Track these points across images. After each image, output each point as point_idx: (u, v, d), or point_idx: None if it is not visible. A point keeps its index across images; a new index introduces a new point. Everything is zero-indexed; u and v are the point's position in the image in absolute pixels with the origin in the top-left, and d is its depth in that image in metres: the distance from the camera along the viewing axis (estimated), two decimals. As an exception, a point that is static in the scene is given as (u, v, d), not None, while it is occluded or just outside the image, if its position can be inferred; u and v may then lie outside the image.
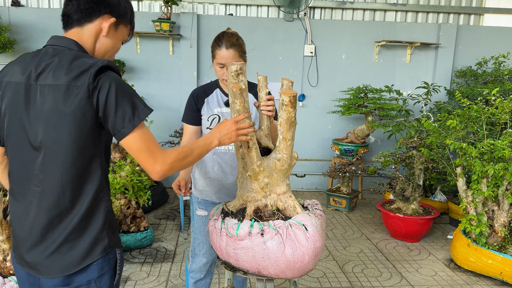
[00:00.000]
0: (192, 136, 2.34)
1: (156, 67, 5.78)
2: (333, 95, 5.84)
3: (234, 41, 2.16)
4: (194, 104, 2.31)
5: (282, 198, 1.86)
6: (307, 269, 1.74)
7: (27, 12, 5.54)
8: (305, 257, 1.67)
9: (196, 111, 2.31)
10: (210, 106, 2.29)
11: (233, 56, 2.15)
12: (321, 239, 1.72)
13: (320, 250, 1.73)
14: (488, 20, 6.13)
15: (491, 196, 3.52)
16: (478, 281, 3.48)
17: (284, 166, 1.81)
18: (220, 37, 2.18)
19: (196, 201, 2.44)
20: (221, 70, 2.19)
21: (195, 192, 2.42)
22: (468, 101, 3.67)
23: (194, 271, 2.51)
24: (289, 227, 1.70)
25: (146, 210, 4.79)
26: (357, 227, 4.70)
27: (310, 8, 5.86)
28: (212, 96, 2.31)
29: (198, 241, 2.45)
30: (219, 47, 2.15)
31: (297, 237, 1.68)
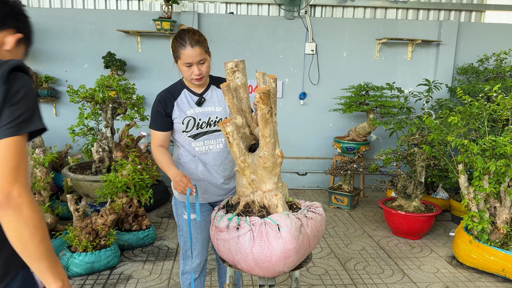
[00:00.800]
0: (163, 142, 2.24)
1: (157, 66, 5.78)
2: (334, 93, 5.84)
3: (198, 38, 2.07)
4: (163, 110, 2.20)
5: (267, 196, 1.84)
6: (276, 270, 1.69)
7: (28, 12, 5.53)
8: (272, 257, 1.65)
9: (165, 116, 2.21)
10: (182, 108, 2.20)
11: (199, 53, 2.06)
12: (293, 242, 1.66)
13: (291, 252, 1.66)
14: (489, 17, 6.11)
15: (493, 192, 3.51)
16: (481, 278, 3.48)
17: (266, 163, 1.78)
18: (181, 36, 2.07)
19: (182, 206, 2.36)
20: (189, 69, 2.11)
21: (180, 197, 2.34)
22: (469, 98, 3.66)
23: (188, 272, 2.46)
24: (263, 225, 1.69)
25: (148, 208, 4.79)
26: (359, 224, 4.70)
27: (311, 6, 5.85)
28: (181, 98, 2.22)
29: (189, 243, 2.38)
30: (184, 46, 2.05)
31: (268, 236, 1.66)
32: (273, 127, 1.72)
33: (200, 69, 2.10)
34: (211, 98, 2.25)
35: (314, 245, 1.82)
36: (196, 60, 2.07)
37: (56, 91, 5.74)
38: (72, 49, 5.67)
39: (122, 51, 5.68)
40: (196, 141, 2.23)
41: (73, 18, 5.60)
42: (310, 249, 1.80)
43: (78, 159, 4.84)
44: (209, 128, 2.22)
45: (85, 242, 3.30)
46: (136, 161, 4.00)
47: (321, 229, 1.82)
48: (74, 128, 4.41)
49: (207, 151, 2.25)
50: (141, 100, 4.59)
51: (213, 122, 2.22)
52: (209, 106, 2.24)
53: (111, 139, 4.56)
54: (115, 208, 3.61)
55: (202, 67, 2.11)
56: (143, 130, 5.57)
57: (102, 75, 4.48)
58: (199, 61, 2.09)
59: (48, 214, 3.56)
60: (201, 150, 2.24)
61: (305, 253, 1.77)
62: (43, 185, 3.64)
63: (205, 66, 2.12)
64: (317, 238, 1.80)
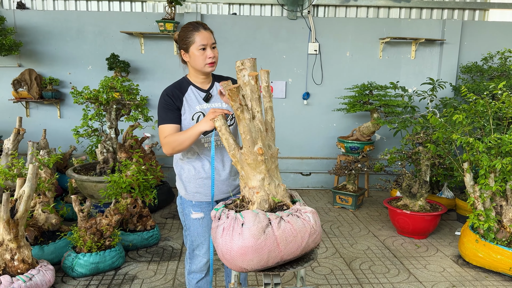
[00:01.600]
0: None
1: (160, 67, 5.79)
2: (338, 93, 5.82)
3: (205, 24, 2.19)
4: (173, 103, 2.19)
5: (251, 192, 1.84)
6: (236, 264, 1.66)
7: (32, 14, 5.58)
8: (232, 251, 1.65)
9: (176, 109, 2.20)
10: (190, 104, 2.22)
11: (212, 37, 2.16)
12: (251, 240, 1.61)
13: (248, 250, 1.62)
14: (493, 15, 6.09)
15: (499, 191, 3.48)
16: (487, 277, 3.45)
17: (248, 160, 1.78)
18: (192, 23, 2.17)
19: (189, 205, 2.34)
20: (203, 53, 2.14)
21: (187, 196, 2.33)
22: (474, 96, 3.64)
23: (194, 272, 2.46)
24: (233, 219, 1.70)
25: (152, 209, 4.79)
26: (364, 224, 4.68)
27: (314, 6, 5.85)
28: (189, 94, 2.24)
29: (197, 242, 2.38)
30: (197, 29, 2.12)
31: (233, 231, 1.67)
32: (247, 124, 1.71)
33: (214, 52, 2.16)
34: (217, 94, 2.29)
35: (290, 251, 1.68)
36: (210, 42, 2.14)
37: (60, 93, 5.76)
38: (76, 51, 5.69)
39: (125, 52, 5.69)
40: (205, 136, 2.23)
41: (77, 20, 5.62)
42: (282, 253, 1.67)
43: (83, 160, 4.85)
44: None
45: (89, 243, 3.30)
46: (141, 161, 4.00)
47: (300, 235, 1.69)
48: (78, 129, 4.42)
49: (215, 146, 2.26)
50: (145, 101, 4.59)
51: None
52: (216, 102, 2.28)
53: (115, 140, 4.56)
54: (120, 208, 3.61)
55: (215, 51, 2.17)
56: (147, 131, 5.58)
57: (106, 77, 4.49)
58: (212, 44, 2.15)
59: (52, 215, 3.56)
60: (210, 145, 2.26)
61: (275, 256, 1.66)
62: (48, 186, 3.65)
63: (216, 51, 2.19)
64: (292, 243, 1.67)
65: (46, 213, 3.54)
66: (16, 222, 2.85)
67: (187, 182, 2.31)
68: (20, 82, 5.47)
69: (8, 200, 2.78)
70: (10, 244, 2.86)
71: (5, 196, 2.76)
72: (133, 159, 4.16)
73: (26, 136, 5.35)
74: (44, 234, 3.54)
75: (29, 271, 2.89)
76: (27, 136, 5.42)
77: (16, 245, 2.88)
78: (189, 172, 2.30)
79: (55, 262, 3.41)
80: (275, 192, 1.86)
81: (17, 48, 5.25)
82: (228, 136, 1.83)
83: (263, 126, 1.81)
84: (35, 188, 2.96)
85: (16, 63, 5.62)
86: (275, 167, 1.89)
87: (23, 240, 2.93)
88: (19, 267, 2.87)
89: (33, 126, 5.75)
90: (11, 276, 2.82)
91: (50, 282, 2.97)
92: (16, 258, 2.88)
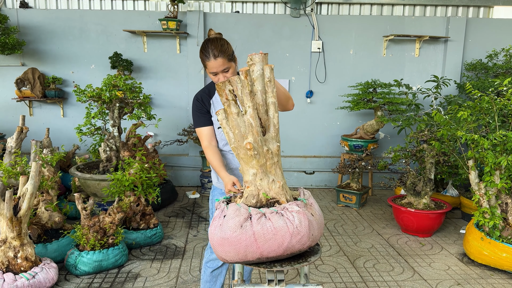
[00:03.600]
0: (211, 137, 2.38)
1: (163, 66, 5.79)
2: (341, 91, 5.80)
3: (220, 48, 2.20)
4: (202, 107, 2.36)
5: (244, 186, 1.88)
6: (218, 254, 1.73)
7: (35, 13, 5.58)
8: (213, 240, 1.72)
9: (207, 112, 2.37)
10: (216, 106, 2.36)
11: (222, 64, 2.19)
12: (227, 232, 1.65)
13: (225, 242, 1.65)
14: (497, 12, 6.04)
15: (505, 188, 3.45)
16: (493, 275, 3.42)
17: (240, 154, 1.81)
18: (205, 47, 2.22)
19: (219, 193, 2.51)
20: (215, 77, 2.25)
21: (217, 184, 2.51)
22: (479, 93, 3.61)
23: (212, 260, 2.56)
24: (221, 211, 1.77)
25: (155, 208, 4.79)
26: (368, 222, 4.65)
27: (317, 4, 5.83)
28: (216, 97, 2.38)
29: None
30: (207, 58, 2.20)
31: (218, 221, 1.73)
32: (234, 119, 1.73)
33: (226, 76, 2.23)
34: None
35: (271, 248, 1.65)
36: (220, 69, 2.20)
37: (63, 92, 5.76)
38: (78, 50, 5.69)
39: (128, 51, 5.69)
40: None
41: (80, 19, 5.62)
42: (261, 249, 1.66)
43: (86, 159, 4.85)
44: None
45: (93, 241, 3.29)
46: (144, 159, 4.00)
47: (281, 234, 1.65)
48: (81, 128, 4.42)
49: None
50: (147, 99, 4.59)
51: None
52: None
53: (118, 138, 4.56)
54: (123, 206, 3.61)
55: (227, 74, 2.23)
56: (150, 129, 5.57)
57: (108, 75, 4.49)
58: (223, 70, 2.21)
59: (56, 213, 3.56)
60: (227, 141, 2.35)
61: (253, 251, 1.65)
62: (51, 184, 3.65)
63: (229, 73, 2.24)
64: (272, 241, 1.65)
65: (49, 211, 3.54)
66: (19, 220, 2.85)
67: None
68: (23, 81, 5.48)
69: (11, 198, 2.78)
70: (13, 241, 2.86)
71: (8, 194, 2.75)
72: (136, 157, 4.15)
73: (29, 135, 5.36)
74: (47, 232, 3.54)
75: (32, 268, 2.89)
76: (30, 135, 5.43)
77: (19, 242, 2.87)
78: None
79: (58, 260, 3.41)
80: (267, 188, 1.84)
81: (20, 47, 5.26)
82: (229, 130, 1.82)
83: (255, 121, 1.79)
84: (38, 186, 2.96)
85: (19, 62, 5.63)
86: (274, 164, 1.85)
87: (26, 238, 2.93)
88: (22, 264, 2.87)
89: (36, 125, 5.76)
90: (15, 273, 2.82)
91: (53, 280, 2.96)
92: (19, 256, 2.87)
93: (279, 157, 1.87)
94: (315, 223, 1.77)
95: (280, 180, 1.87)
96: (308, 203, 1.85)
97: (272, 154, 1.85)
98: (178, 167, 5.97)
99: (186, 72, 5.78)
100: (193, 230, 4.33)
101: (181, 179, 6.01)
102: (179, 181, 6.01)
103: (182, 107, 5.89)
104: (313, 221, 1.76)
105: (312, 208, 1.83)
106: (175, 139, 5.68)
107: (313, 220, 1.76)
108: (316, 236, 1.78)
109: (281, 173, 1.90)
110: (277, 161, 1.87)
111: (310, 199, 1.91)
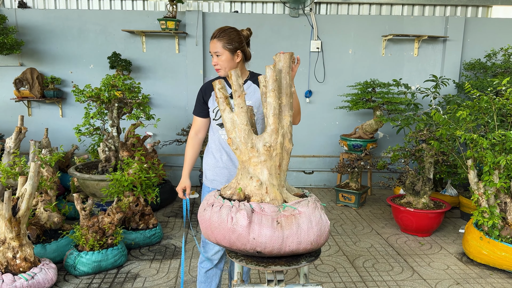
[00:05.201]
0: (200, 128, 2.49)
1: (162, 65, 5.78)
2: (341, 91, 5.80)
3: (217, 33, 2.30)
4: (202, 98, 2.43)
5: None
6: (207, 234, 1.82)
7: (34, 13, 5.57)
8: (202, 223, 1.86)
9: (203, 103, 2.43)
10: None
11: (215, 46, 2.29)
12: (199, 213, 1.86)
13: (199, 218, 1.86)
14: (496, 11, 6.05)
15: (503, 187, 3.46)
16: (492, 275, 3.43)
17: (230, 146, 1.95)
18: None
19: (207, 191, 2.52)
20: (213, 59, 2.35)
21: (206, 182, 2.52)
22: (478, 92, 3.61)
23: (205, 261, 2.57)
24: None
25: (154, 208, 4.78)
26: (367, 222, 4.65)
27: (316, 4, 5.83)
28: None
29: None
30: (211, 38, 2.34)
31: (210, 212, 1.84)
32: (224, 115, 1.84)
33: (217, 61, 2.31)
34: (246, 91, 2.38)
35: (218, 237, 1.73)
36: (213, 50, 2.31)
37: (62, 92, 5.75)
38: (77, 50, 5.69)
39: (127, 51, 5.68)
40: (222, 129, 2.39)
41: (78, 19, 5.62)
42: (215, 235, 1.75)
43: (85, 159, 4.84)
44: None
45: (92, 241, 3.29)
46: (142, 159, 3.99)
47: (221, 227, 1.71)
48: (80, 128, 4.41)
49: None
50: (146, 99, 4.58)
51: None
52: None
53: (117, 138, 4.55)
54: (122, 206, 3.60)
55: (218, 60, 2.31)
56: (149, 129, 5.57)
57: (107, 75, 4.48)
58: (215, 53, 2.30)
59: (55, 213, 3.56)
60: (226, 138, 2.40)
61: (210, 234, 1.77)
62: (50, 185, 3.64)
63: (221, 59, 2.30)
64: (217, 231, 1.74)
65: (48, 211, 3.54)
66: (18, 220, 2.85)
67: (207, 169, 2.50)
68: (22, 81, 5.47)
69: (10, 198, 2.78)
70: (12, 242, 2.85)
71: (7, 194, 2.75)
72: (135, 157, 4.15)
73: (28, 136, 5.35)
74: (46, 232, 3.54)
75: (31, 269, 2.88)
76: (29, 135, 5.42)
77: (18, 243, 2.87)
78: (210, 161, 2.47)
79: (58, 261, 3.40)
80: (244, 184, 1.86)
81: (18, 47, 5.25)
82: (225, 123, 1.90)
83: (240, 120, 1.81)
84: (37, 186, 2.95)
85: (18, 62, 5.62)
86: (260, 163, 1.83)
87: (25, 239, 2.92)
88: (21, 265, 2.86)
89: (35, 125, 5.75)
90: (13, 274, 2.81)
91: (52, 280, 2.96)
92: (18, 257, 2.87)
93: (264, 157, 1.82)
94: (277, 233, 1.66)
95: (260, 179, 1.84)
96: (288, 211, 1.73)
97: (258, 153, 1.83)
98: (177, 167, 5.96)
99: (185, 72, 5.78)
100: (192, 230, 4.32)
101: (180, 179, 5.99)
102: (178, 181, 5.97)
103: (181, 107, 5.89)
104: (264, 227, 1.67)
105: (295, 218, 1.71)
106: (174, 139, 5.67)
107: (266, 226, 1.67)
108: (268, 243, 1.67)
109: (268, 174, 1.83)
110: (263, 161, 1.84)
111: (302, 207, 1.75)
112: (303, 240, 1.71)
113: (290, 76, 1.86)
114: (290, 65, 1.88)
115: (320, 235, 1.76)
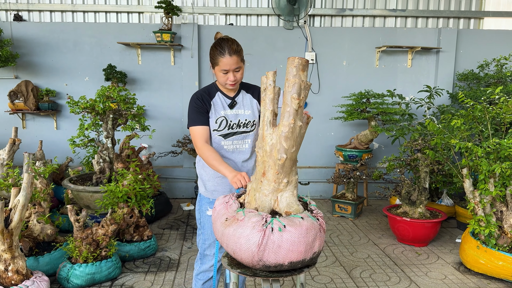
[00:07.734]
0: (207, 137, 2.33)
1: (157, 78, 5.79)
2: (335, 102, 5.82)
3: (235, 47, 2.26)
4: (202, 105, 2.35)
5: None
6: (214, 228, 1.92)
7: (29, 26, 5.59)
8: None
9: (206, 112, 2.37)
10: (216, 108, 2.38)
11: (236, 62, 2.25)
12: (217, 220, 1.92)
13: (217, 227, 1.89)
14: (488, 23, 6.13)
15: (499, 196, 3.46)
16: (489, 284, 3.40)
17: None
18: (221, 44, 2.25)
19: (207, 202, 2.48)
20: (225, 76, 2.27)
21: (205, 193, 2.49)
22: (472, 101, 3.64)
23: (203, 272, 2.54)
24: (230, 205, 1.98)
25: (149, 220, 4.74)
26: (364, 233, 4.63)
27: (310, 16, 5.89)
28: (216, 100, 2.39)
29: (209, 241, 2.49)
30: (222, 54, 2.22)
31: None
32: None
33: (235, 75, 2.28)
34: (242, 101, 2.43)
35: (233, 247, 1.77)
36: (233, 67, 2.25)
37: (57, 104, 5.74)
38: (72, 62, 5.69)
39: (122, 63, 5.69)
40: (226, 140, 2.40)
41: (74, 32, 5.64)
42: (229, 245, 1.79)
43: (79, 171, 4.81)
44: (238, 129, 2.41)
45: (85, 253, 3.24)
46: (137, 170, 3.97)
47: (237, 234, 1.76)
48: (74, 139, 4.39)
49: (234, 150, 2.43)
50: (141, 110, 4.58)
51: (243, 124, 2.42)
52: (239, 109, 2.42)
53: (112, 149, 4.53)
54: (116, 218, 3.57)
55: (237, 74, 2.29)
56: (144, 141, 5.55)
57: (102, 86, 4.48)
58: (235, 69, 2.27)
59: (48, 225, 3.51)
60: (229, 148, 2.41)
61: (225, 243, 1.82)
62: (43, 196, 3.60)
63: (239, 73, 2.31)
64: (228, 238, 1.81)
65: (42, 223, 3.49)
66: (10, 232, 2.80)
67: (207, 180, 2.46)
68: (16, 93, 5.45)
69: (2, 209, 2.74)
70: (4, 254, 2.81)
71: (0, 205, 2.71)
72: (130, 169, 4.12)
73: (22, 148, 5.31)
74: (39, 245, 3.49)
75: (24, 282, 2.83)
76: (24, 148, 5.38)
77: (10, 255, 2.82)
78: (210, 171, 2.43)
79: (50, 274, 3.35)
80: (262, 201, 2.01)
81: (13, 59, 5.25)
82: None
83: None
84: (30, 197, 2.92)
85: (13, 75, 5.61)
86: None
87: (17, 251, 2.88)
88: (13, 278, 2.81)
89: (30, 137, 5.71)
90: (5, 287, 2.76)
91: (44, 293, 2.90)
92: (10, 269, 2.82)
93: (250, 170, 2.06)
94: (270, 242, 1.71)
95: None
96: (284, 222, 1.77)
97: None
98: (173, 179, 5.93)
99: (180, 84, 5.79)
100: (188, 242, 4.28)
101: (175, 191, 5.96)
102: (174, 193, 5.96)
103: (176, 119, 5.89)
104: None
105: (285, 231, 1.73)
106: (169, 151, 5.65)
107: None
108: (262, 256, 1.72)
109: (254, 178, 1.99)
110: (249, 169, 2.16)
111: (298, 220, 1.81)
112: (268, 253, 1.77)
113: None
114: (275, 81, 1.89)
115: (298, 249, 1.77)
